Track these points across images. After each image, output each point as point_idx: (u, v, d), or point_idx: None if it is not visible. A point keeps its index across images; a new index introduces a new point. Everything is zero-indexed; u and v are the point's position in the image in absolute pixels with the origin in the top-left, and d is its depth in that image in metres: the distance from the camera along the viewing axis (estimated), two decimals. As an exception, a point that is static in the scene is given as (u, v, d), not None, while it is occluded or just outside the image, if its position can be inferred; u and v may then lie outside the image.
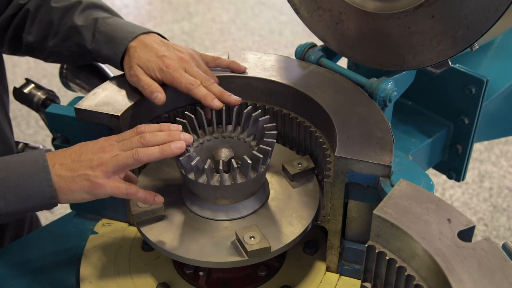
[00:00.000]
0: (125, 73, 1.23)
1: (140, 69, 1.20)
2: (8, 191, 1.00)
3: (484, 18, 1.04)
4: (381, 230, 0.91)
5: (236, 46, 4.51)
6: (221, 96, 1.19)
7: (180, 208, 1.13)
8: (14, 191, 1.00)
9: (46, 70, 4.16)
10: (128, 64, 1.22)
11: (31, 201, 1.01)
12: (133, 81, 1.21)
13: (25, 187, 1.00)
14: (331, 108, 1.16)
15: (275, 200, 1.15)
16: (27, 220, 1.63)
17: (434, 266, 0.83)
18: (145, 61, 1.20)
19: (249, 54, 1.34)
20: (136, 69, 1.20)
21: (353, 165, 1.04)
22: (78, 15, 1.29)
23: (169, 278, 1.17)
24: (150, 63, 1.19)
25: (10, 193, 1.00)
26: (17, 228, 1.57)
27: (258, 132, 1.12)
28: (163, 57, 1.20)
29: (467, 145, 1.48)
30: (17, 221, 1.57)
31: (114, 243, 1.25)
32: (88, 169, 1.01)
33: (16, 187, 1.00)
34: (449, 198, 3.13)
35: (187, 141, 1.05)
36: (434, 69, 1.28)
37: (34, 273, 1.23)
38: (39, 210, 1.06)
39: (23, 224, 1.61)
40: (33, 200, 1.01)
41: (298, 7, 1.34)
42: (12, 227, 1.54)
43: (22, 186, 1.00)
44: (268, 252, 1.04)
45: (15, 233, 1.55)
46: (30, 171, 1.00)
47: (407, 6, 1.13)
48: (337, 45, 1.32)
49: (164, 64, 1.19)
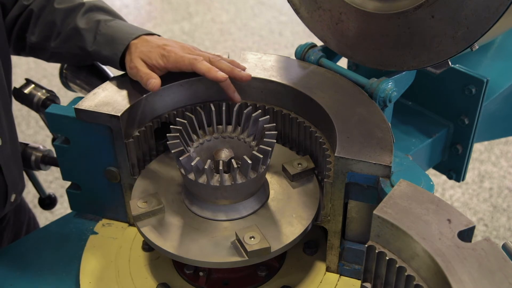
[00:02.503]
0: (126, 68, 1.23)
1: (141, 61, 1.20)
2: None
3: (484, 18, 1.04)
4: (381, 230, 0.91)
5: (236, 46, 4.51)
6: (231, 73, 1.18)
7: (180, 208, 1.13)
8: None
9: (46, 70, 4.16)
10: (129, 59, 1.22)
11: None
12: (132, 74, 1.21)
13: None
14: (331, 108, 1.16)
15: (275, 200, 1.15)
16: (24, 221, 1.63)
17: (434, 266, 0.83)
18: (146, 52, 1.20)
19: (249, 54, 1.34)
20: (136, 61, 1.20)
21: (353, 165, 1.04)
22: (81, 17, 1.30)
23: (169, 278, 1.17)
24: (151, 53, 1.20)
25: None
26: (15, 230, 1.57)
27: (258, 132, 1.12)
28: (164, 46, 1.21)
29: (467, 145, 1.48)
30: (15, 222, 1.57)
31: (114, 243, 1.25)
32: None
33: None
34: (449, 198, 3.13)
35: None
36: (434, 69, 1.28)
37: (34, 273, 1.23)
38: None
39: (21, 226, 1.61)
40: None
41: (298, 7, 1.34)
42: (10, 229, 1.54)
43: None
44: (268, 252, 1.04)
45: (12, 234, 1.55)
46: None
47: (407, 6, 1.13)
48: (337, 45, 1.32)
49: (166, 50, 1.20)
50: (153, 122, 1.24)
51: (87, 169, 1.24)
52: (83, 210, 1.34)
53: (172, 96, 1.24)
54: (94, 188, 1.27)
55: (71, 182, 1.30)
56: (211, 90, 1.27)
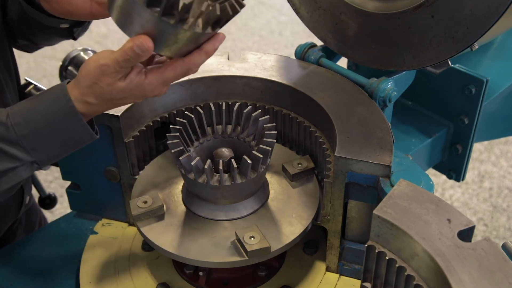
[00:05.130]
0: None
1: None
2: (43, 142, 0.98)
3: (484, 18, 1.04)
4: (381, 230, 0.91)
5: (236, 46, 4.51)
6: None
7: (180, 208, 1.13)
8: (49, 141, 0.99)
9: (46, 70, 4.16)
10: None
11: (70, 142, 1.01)
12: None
13: (58, 134, 0.99)
14: (331, 108, 1.16)
15: (275, 200, 1.15)
16: (36, 221, 1.64)
17: (434, 266, 0.83)
18: None
19: (249, 54, 1.34)
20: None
21: (353, 165, 1.04)
22: None
23: (169, 278, 1.17)
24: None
25: (46, 144, 0.99)
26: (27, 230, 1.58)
27: (258, 132, 1.12)
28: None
29: (467, 145, 1.48)
30: (27, 222, 1.58)
31: (114, 243, 1.25)
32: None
33: (49, 137, 0.98)
34: (449, 198, 3.13)
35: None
36: (434, 69, 1.28)
37: (34, 273, 1.23)
38: (83, 146, 1.04)
39: (33, 226, 1.62)
40: (71, 140, 1.01)
41: (298, 7, 1.34)
42: (22, 229, 1.55)
43: (55, 134, 0.98)
44: (268, 252, 1.04)
45: (25, 234, 1.56)
46: (57, 117, 0.98)
47: (407, 6, 1.13)
48: (337, 45, 1.32)
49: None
50: (153, 122, 1.24)
51: (87, 169, 1.24)
52: (83, 210, 1.34)
53: (172, 96, 1.24)
54: (94, 188, 1.27)
55: (71, 182, 1.30)
56: (211, 90, 1.27)
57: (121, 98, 0.98)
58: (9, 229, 1.49)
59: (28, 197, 1.45)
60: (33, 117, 0.97)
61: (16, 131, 0.96)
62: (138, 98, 1.00)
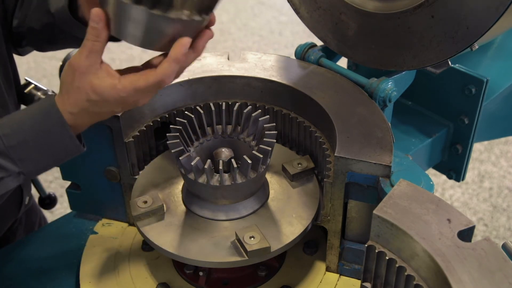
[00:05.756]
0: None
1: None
2: (31, 153, 0.98)
3: (484, 18, 1.04)
4: (381, 230, 0.91)
5: (236, 46, 4.51)
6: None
7: (180, 208, 1.13)
8: (37, 152, 0.99)
9: (46, 70, 4.16)
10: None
11: (57, 153, 1.01)
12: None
13: (46, 145, 0.99)
14: (331, 108, 1.16)
15: (275, 200, 1.15)
16: (36, 221, 1.64)
17: (434, 266, 0.83)
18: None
19: (249, 54, 1.34)
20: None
21: (353, 165, 1.04)
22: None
23: (169, 278, 1.17)
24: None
25: (34, 155, 0.99)
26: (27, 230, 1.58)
27: (258, 132, 1.12)
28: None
29: (467, 145, 1.48)
30: (27, 222, 1.58)
31: (114, 243, 1.25)
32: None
33: (37, 148, 0.98)
34: (449, 198, 3.13)
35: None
36: (434, 69, 1.28)
37: (34, 273, 1.23)
38: (70, 158, 1.04)
39: (33, 226, 1.62)
40: (59, 152, 1.01)
41: (298, 7, 1.34)
42: (22, 229, 1.55)
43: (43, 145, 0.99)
44: (268, 252, 1.04)
45: (25, 235, 1.56)
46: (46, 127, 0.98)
47: (407, 6, 1.13)
48: (337, 45, 1.32)
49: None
50: (153, 122, 1.24)
51: (87, 169, 1.24)
52: (83, 210, 1.34)
53: (172, 96, 1.24)
54: (94, 188, 1.27)
55: (71, 182, 1.30)
56: (211, 90, 1.27)
57: (96, 103, 0.96)
58: (9, 229, 1.49)
59: (28, 197, 1.45)
60: (22, 128, 0.98)
61: (5, 142, 0.97)
62: (116, 106, 0.99)
